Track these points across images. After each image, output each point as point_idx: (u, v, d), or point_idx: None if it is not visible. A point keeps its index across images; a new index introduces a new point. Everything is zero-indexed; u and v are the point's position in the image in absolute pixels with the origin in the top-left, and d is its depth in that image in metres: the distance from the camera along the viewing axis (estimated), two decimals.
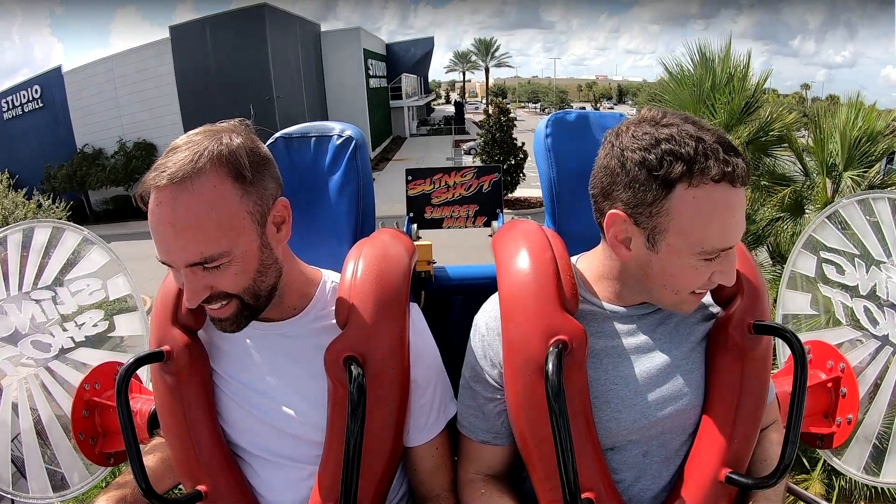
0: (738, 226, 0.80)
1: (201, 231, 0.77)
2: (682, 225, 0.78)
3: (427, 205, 2.20)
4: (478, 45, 71.80)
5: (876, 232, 1.27)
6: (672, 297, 0.85)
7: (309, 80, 28.40)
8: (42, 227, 1.37)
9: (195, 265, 0.79)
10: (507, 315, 0.90)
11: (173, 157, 0.78)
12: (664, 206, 0.78)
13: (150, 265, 0.88)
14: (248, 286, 0.83)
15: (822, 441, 1.24)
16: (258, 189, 0.82)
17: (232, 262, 0.80)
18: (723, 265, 0.82)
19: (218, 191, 0.78)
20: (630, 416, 0.88)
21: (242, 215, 0.80)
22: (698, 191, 0.77)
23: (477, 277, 1.44)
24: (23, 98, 25.12)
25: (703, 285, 0.84)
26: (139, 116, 24.23)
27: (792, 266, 1.40)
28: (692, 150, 0.76)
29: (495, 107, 21.69)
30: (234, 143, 0.80)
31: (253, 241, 0.82)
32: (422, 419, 0.95)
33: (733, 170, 0.76)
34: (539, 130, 1.13)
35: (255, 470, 0.94)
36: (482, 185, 2.21)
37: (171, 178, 0.76)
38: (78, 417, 1.26)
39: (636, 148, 0.79)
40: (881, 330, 1.25)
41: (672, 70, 5.52)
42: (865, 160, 4.81)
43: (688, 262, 0.81)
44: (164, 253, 0.79)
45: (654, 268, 0.84)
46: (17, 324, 1.30)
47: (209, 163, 0.77)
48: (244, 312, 0.85)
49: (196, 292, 0.80)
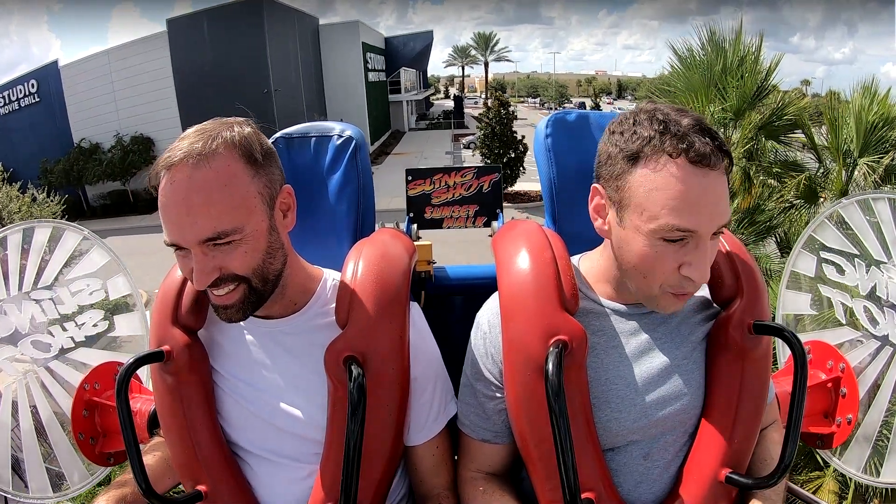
0: (699, 207, 0.76)
1: (214, 207, 0.78)
2: (640, 199, 0.79)
3: (427, 205, 2.21)
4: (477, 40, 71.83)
5: (876, 232, 1.27)
6: (643, 284, 0.83)
7: (307, 74, 28.34)
8: (42, 227, 1.37)
9: (207, 241, 0.79)
10: (507, 315, 0.90)
11: (185, 141, 0.80)
12: (627, 181, 0.80)
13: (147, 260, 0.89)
14: (257, 267, 0.83)
15: (822, 441, 1.24)
16: (267, 173, 0.84)
17: (243, 241, 0.81)
18: (690, 256, 0.78)
19: (231, 169, 0.80)
20: (630, 416, 0.88)
21: (254, 194, 0.82)
22: (656, 165, 0.78)
23: (477, 277, 1.44)
24: (19, 93, 25.00)
25: (673, 277, 0.80)
26: (136, 110, 24.16)
27: (792, 266, 1.40)
28: (658, 128, 0.78)
29: (495, 100, 21.50)
30: (245, 131, 0.83)
31: (263, 221, 0.83)
32: (422, 418, 0.95)
33: (689, 146, 0.76)
34: (539, 130, 1.14)
35: (254, 470, 0.94)
36: (482, 186, 2.21)
37: (186, 156, 0.78)
38: (78, 417, 1.26)
39: (614, 129, 0.84)
40: (881, 330, 1.25)
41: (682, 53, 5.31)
42: (881, 146, 4.68)
43: (649, 243, 0.79)
44: (176, 231, 0.79)
45: (623, 248, 0.84)
46: (17, 324, 1.30)
47: (222, 145, 0.80)
48: (250, 298, 0.84)
49: (206, 273, 0.80)
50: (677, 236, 0.78)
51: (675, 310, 0.85)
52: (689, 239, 0.78)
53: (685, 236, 0.78)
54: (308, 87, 28.34)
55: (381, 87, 36.91)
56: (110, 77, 24.46)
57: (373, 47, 34.70)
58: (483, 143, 20.92)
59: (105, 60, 24.75)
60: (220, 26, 23.88)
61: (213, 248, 0.80)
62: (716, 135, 0.79)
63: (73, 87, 24.63)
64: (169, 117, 23.66)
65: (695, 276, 0.79)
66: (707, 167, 0.76)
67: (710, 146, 0.77)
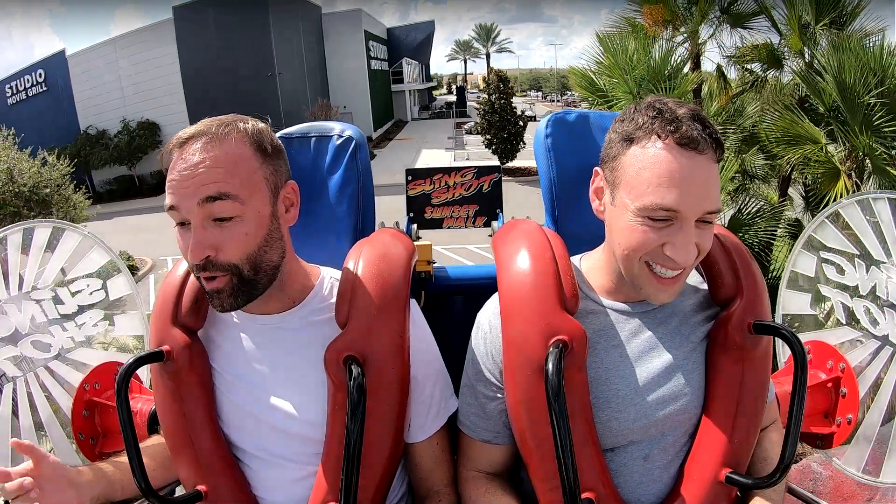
0: (683, 188, 0.78)
1: (221, 171, 0.80)
2: (629, 178, 0.82)
3: (427, 205, 2.21)
4: (479, 31, 71.76)
5: (876, 232, 1.27)
6: (626, 261, 0.84)
7: (311, 61, 28.61)
8: (42, 227, 1.37)
9: (209, 200, 0.79)
10: (506, 315, 0.90)
11: (201, 124, 0.83)
12: (621, 161, 0.84)
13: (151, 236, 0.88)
14: (251, 253, 0.83)
15: (822, 441, 1.24)
16: (275, 164, 0.87)
17: (243, 220, 0.82)
18: (672, 236, 0.80)
19: (241, 151, 0.83)
20: (630, 416, 0.88)
21: (260, 177, 0.84)
22: (646, 144, 0.81)
23: (477, 277, 1.45)
24: (27, 83, 25.32)
25: (656, 253, 0.82)
26: (142, 97, 24.48)
27: (792, 266, 1.40)
28: (653, 114, 0.82)
29: (494, 74, 21.19)
30: (258, 125, 0.87)
31: (266, 206, 0.85)
32: (422, 416, 0.95)
33: (677, 128, 0.79)
34: (539, 131, 1.14)
35: (254, 470, 0.94)
36: (482, 186, 2.21)
37: (199, 133, 0.81)
38: (78, 417, 1.26)
39: (620, 118, 0.87)
40: (881, 330, 1.25)
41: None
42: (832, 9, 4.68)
43: (635, 221, 0.81)
44: (180, 193, 0.79)
45: (613, 225, 0.86)
46: (17, 324, 1.30)
47: (235, 131, 0.83)
48: (241, 287, 0.84)
49: (202, 245, 0.80)
50: (661, 215, 0.79)
51: (663, 300, 0.86)
52: (673, 220, 0.80)
53: (669, 216, 0.79)
54: (312, 73, 28.61)
55: (384, 76, 37.15)
56: (117, 65, 24.77)
57: (375, 36, 34.97)
58: (483, 118, 20.63)
59: (111, 48, 25.07)
60: (226, 13, 24.20)
61: (213, 224, 0.80)
62: (708, 124, 0.81)
63: (80, 76, 24.97)
64: (175, 103, 23.90)
65: (677, 257, 0.80)
66: (694, 150, 0.79)
67: (700, 132, 0.79)
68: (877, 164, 4.18)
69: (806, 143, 4.39)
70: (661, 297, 0.85)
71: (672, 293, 0.85)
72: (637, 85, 4.73)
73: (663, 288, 0.84)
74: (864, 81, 4.15)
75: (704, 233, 0.82)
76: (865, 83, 4.15)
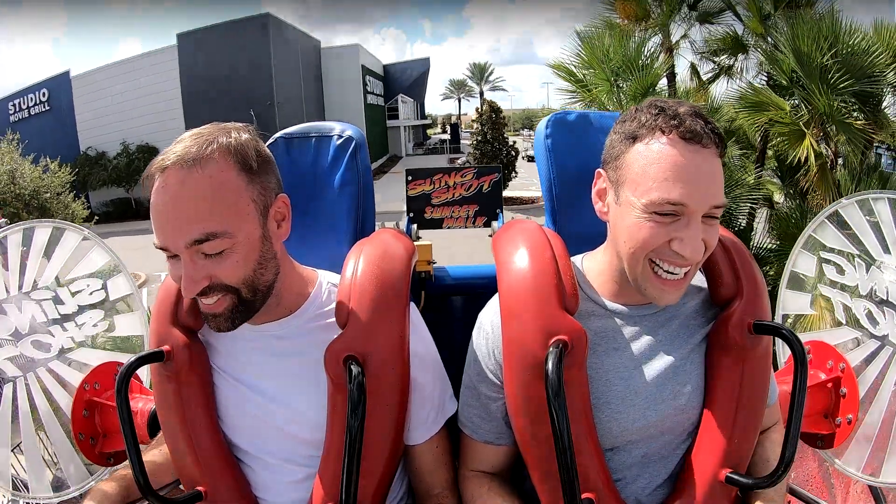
0: (690, 181, 0.78)
1: (206, 208, 0.77)
2: (634, 175, 0.82)
3: (427, 205, 2.21)
4: (472, 69, 72.77)
5: (876, 232, 1.27)
6: (632, 260, 0.84)
7: (309, 92, 29.04)
8: (42, 227, 1.37)
9: (196, 243, 0.77)
10: (506, 315, 0.90)
11: (181, 144, 0.79)
12: (624, 159, 0.84)
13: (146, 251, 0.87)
14: (247, 277, 0.82)
15: (822, 441, 1.24)
16: (262, 181, 0.83)
17: (234, 249, 0.79)
18: (681, 232, 0.79)
19: (225, 175, 0.79)
20: (630, 417, 0.88)
21: (247, 201, 0.81)
22: (649, 141, 0.82)
23: (477, 277, 1.44)
24: (30, 101, 25.43)
25: (663, 250, 0.81)
26: (143, 121, 24.64)
27: (792, 266, 1.40)
28: (655, 111, 0.83)
29: (487, 105, 21.41)
30: (242, 137, 0.82)
31: (256, 230, 0.82)
32: (421, 417, 0.95)
33: (680, 123, 0.79)
34: (539, 131, 1.14)
35: (254, 471, 0.94)
36: (482, 186, 2.21)
37: (180, 159, 0.77)
38: (78, 417, 1.26)
39: (621, 119, 0.88)
40: (881, 330, 1.25)
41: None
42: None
43: (642, 217, 0.81)
44: (166, 233, 0.77)
45: (618, 224, 0.85)
46: (17, 324, 1.30)
47: (217, 150, 0.79)
48: (239, 308, 0.83)
49: (195, 280, 0.79)
50: (668, 210, 0.79)
51: (668, 301, 0.85)
52: (680, 215, 0.80)
53: (676, 211, 0.79)
54: (310, 104, 28.99)
55: (380, 111, 37.67)
56: (120, 87, 24.97)
57: (372, 71, 35.54)
58: (476, 148, 20.88)
59: (115, 72, 25.33)
60: (227, 40, 24.60)
61: (204, 258, 0.79)
62: (709, 120, 0.82)
63: (83, 97, 25.14)
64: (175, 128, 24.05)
65: (685, 252, 0.80)
66: (698, 144, 0.79)
67: (702, 126, 0.80)
68: (837, 119, 4.37)
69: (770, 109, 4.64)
70: (666, 299, 0.84)
71: (677, 294, 0.85)
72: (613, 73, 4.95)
73: (667, 289, 0.84)
74: (818, 45, 4.35)
75: (711, 229, 0.82)
76: (819, 47, 4.36)
